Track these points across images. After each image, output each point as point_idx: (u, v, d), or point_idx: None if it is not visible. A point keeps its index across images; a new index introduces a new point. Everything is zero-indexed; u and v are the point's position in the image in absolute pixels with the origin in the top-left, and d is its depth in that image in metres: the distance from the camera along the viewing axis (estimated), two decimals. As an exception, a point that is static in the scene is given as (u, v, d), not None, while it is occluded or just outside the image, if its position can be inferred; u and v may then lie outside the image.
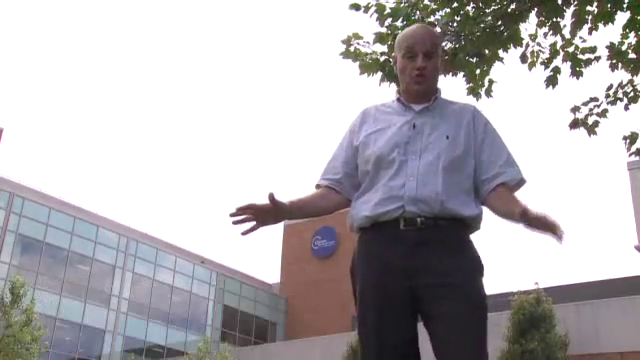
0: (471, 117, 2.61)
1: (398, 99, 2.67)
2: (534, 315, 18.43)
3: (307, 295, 41.44)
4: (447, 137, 2.52)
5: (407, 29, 2.74)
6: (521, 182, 2.58)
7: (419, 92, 2.61)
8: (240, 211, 2.43)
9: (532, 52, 5.39)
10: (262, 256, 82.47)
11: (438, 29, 4.54)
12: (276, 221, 2.52)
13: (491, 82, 5.21)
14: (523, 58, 5.37)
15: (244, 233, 2.48)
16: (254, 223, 2.46)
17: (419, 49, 2.58)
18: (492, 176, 2.53)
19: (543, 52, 5.41)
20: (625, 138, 6.16)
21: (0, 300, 20.68)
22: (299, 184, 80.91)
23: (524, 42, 5.19)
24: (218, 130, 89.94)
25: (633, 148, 6.14)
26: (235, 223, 2.44)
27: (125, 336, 33.37)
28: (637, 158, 6.46)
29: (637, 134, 6.13)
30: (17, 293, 20.75)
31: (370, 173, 2.57)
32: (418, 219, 2.41)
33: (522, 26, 5.02)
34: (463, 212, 2.45)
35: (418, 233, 2.41)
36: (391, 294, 2.41)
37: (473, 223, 2.51)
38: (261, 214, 2.45)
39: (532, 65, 5.43)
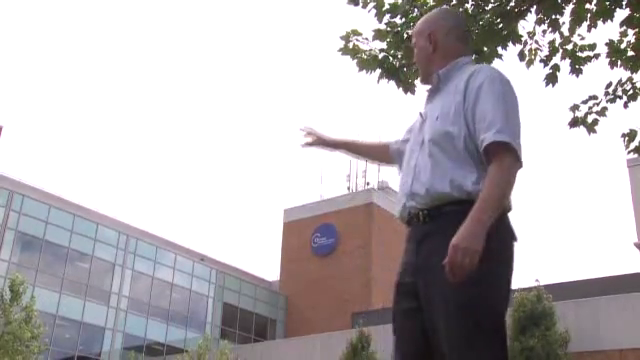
0: (464, 84, 2.39)
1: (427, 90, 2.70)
2: (534, 312, 18.44)
3: (307, 292, 41.44)
4: (437, 118, 2.43)
5: None
6: (500, 145, 2.22)
7: (423, 78, 2.69)
8: (304, 130, 3.07)
9: (530, 50, 5.37)
10: (262, 253, 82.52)
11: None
12: (332, 149, 3.04)
13: None
14: (521, 56, 5.36)
15: (303, 145, 3.05)
16: (312, 140, 3.05)
17: (413, 35, 2.72)
18: (479, 146, 2.29)
19: (541, 50, 5.40)
20: (624, 135, 6.15)
21: (0, 297, 20.68)
22: (299, 179, 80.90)
23: (522, 39, 5.18)
24: (217, 128, 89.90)
25: (632, 146, 6.13)
26: (301, 135, 3.06)
27: (125, 333, 33.39)
28: (636, 156, 6.44)
29: (636, 132, 6.11)
30: (17, 290, 20.74)
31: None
32: (420, 213, 2.38)
33: (520, 23, 5.01)
34: (450, 190, 2.29)
35: (423, 227, 2.38)
36: (402, 291, 2.42)
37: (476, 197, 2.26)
38: (318, 139, 3.04)
39: (530, 63, 5.41)
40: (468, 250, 2.07)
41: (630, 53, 5.52)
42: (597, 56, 5.50)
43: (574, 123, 5.94)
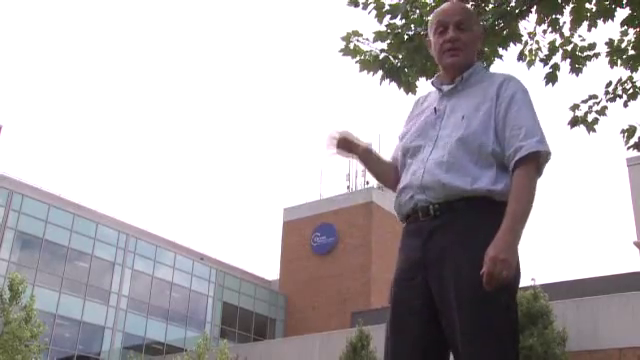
0: (496, 90, 2.44)
1: (432, 82, 2.63)
2: (531, 311, 18.45)
3: (306, 292, 41.45)
4: (462, 117, 2.43)
5: (438, 8, 2.71)
6: (540, 154, 2.31)
7: (454, 66, 2.53)
8: (335, 135, 2.74)
9: (530, 50, 5.38)
10: (261, 253, 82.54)
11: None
12: (355, 157, 2.78)
13: None
14: (521, 56, 5.37)
15: (330, 155, 2.78)
16: (335, 151, 2.75)
17: (450, 20, 2.52)
18: (512, 152, 2.32)
19: (542, 50, 5.40)
20: (623, 132, 6.17)
21: (-1, 297, 20.68)
22: (298, 178, 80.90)
23: (523, 39, 5.18)
24: (217, 127, 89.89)
25: (631, 142, 6.15)
26: (328, 143, 2.75)
27: (124, 333, 33.38)
28: (635, 152, 6.46)
29: (635, 127, 6.13)
30: (16, 290, 20.72)
31: (402, 163, 2.59)
32: (430, 207, 2.36)
33: (522, 23, 5.01)
34: (469, 187, 2.31)
35: (433, 221, 2.35)
36: (407, 286, 2.38)
37: (498, 197, 2.31)
38: (346, 145, 2.74)
39: (530, 63, 5.42)
40: (506, 262, 2.12)
41: (631, 52, 5.52)
42: (597, 55, 5.51)
43: (574, 122, 5.94)
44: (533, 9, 4.96)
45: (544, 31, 5.25)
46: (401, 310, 2.37)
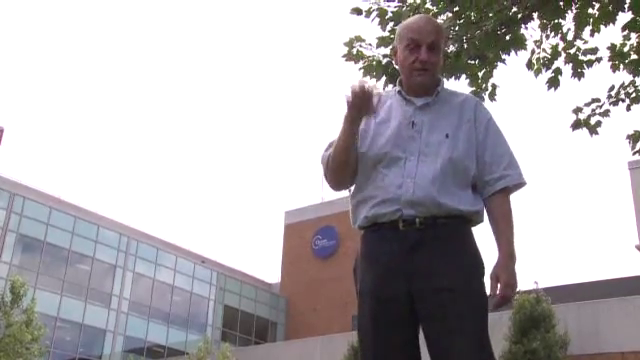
0: (473, 113, 2.56)
1: (399, 92, 2.63)
2: (534, 315, 18.47)
3: (308, 295, 41.41)
4: (447, 135, 2.49)
5: (409, 20, 2.69)
6: (521, 185, 2.57)
7: (421, 85, 2.56)
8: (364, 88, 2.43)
9: (537, 59, 5.39)
10: (263, 256, 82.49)
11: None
12: (354, 116, 2.47)
13: (494, 87, 5.21)
14: (529, 65, 5.38)
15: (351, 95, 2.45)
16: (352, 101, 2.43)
17: (423, 41, 2.53)
18: (495, 178, 2.50)
19: (546, 54, 5.41)
20: (629, 137, 6.18)
21: (0, 300, 20.67)
22: (300, 181, 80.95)
23: (529, 48, 5.19)
24: (219, 130, 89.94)
25: (637, 147, 6.16)
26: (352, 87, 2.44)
27: (126, 336, 33.36)
28: (639, 157, 6.48)
29: (641, 133, 6.14)
30: (17, 293, 20.75)
31: (368, 169, 2.54)
32: (417, 219, 2.40)
33: (527, 32, 5.02)
34: (461, 207, 2.44)
35: (417, 233, 2.40)
36: (389, 296, 2.40)
37: (474, 217, 2.50)
38: (362, 103, 2.43)
39: (538, 71, 5.43)
40: (515, 286, 2.43)
41: (633, 57, 5.53)
42: (599, 60, 5.51)
43: (577, 125, 5.96)
44: (535, 14, 4.96)
45: (547, 36, 5.26)
46: (384, 317, 2.40)
